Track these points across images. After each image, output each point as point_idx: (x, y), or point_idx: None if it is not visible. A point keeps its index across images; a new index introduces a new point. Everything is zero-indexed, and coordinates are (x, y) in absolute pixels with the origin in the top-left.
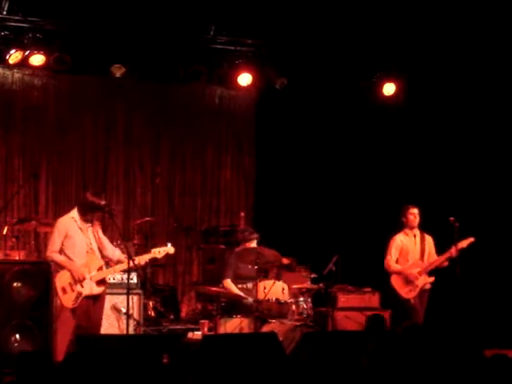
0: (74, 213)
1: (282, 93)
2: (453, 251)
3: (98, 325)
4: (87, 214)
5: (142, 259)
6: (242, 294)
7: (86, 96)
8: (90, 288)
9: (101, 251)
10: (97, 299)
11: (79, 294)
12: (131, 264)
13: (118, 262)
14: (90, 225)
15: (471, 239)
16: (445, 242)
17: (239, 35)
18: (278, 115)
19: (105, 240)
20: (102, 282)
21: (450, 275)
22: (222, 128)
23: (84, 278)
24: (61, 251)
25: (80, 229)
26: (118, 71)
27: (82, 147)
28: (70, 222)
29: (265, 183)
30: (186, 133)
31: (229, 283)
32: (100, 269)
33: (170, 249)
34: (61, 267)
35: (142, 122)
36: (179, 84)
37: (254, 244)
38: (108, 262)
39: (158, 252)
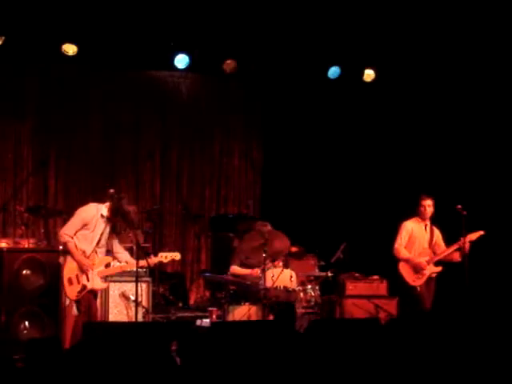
0: (104, 210)
1: (289, 82)
2: (461, 243)
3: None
4: (116, 218)
5: (149, 262)
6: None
7: (95, 87)
8: (95, 282)
9: (108, 248)
10: (97, 295)
11: (84, 286)
12: (139, 263)
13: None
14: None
15: (481, 232)
16: (452, 231)
17: None
18: (285, 104)
19: (115, 240)
20: (105, 279)
21: (459, 267)
22: (230, 117)
23: (91, 269)
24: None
25: (98, 222)
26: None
27: (91, 136)
28: (96, 216)
29: (272, 172)
30: (195, 122)
31: (236, 269)
32: (108, 265)
33: (176, 255)
34: (69, 253)
35: (150, 112)
36: (187, 73)
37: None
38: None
39: (165, 257)
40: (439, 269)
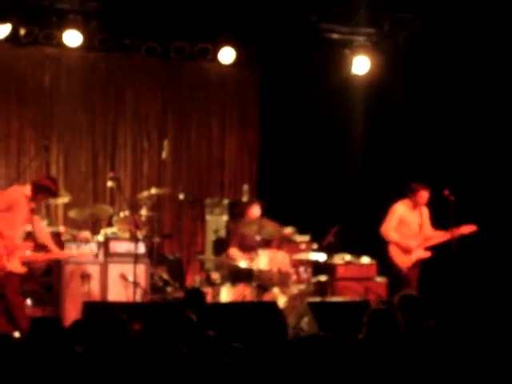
0: (28, 190)
1: (284, 67)
2: (453, 234)
3: None
4: (38, 196)
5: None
6: (244, 262)
7: (96, 71)
8: (14, 265)
9: (34, 232)
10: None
11: (3, 266)
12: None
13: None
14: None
15: (474, 228)
16: (439, 216)
17: None
18: (281, 89)
19: (38, 222)
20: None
21: (445, 251)
22: (227, 102)
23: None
24: None
25: (23, 204)
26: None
27: (92, 121)
28: (22, 197)
29: (268, 156)
30: (192, 108)
31: (234, 252)
32: (34, 250)
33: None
34: None
35: (149, 97)
36: (185, 61)
37: (256, 210)
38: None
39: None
40: (428, 254)
